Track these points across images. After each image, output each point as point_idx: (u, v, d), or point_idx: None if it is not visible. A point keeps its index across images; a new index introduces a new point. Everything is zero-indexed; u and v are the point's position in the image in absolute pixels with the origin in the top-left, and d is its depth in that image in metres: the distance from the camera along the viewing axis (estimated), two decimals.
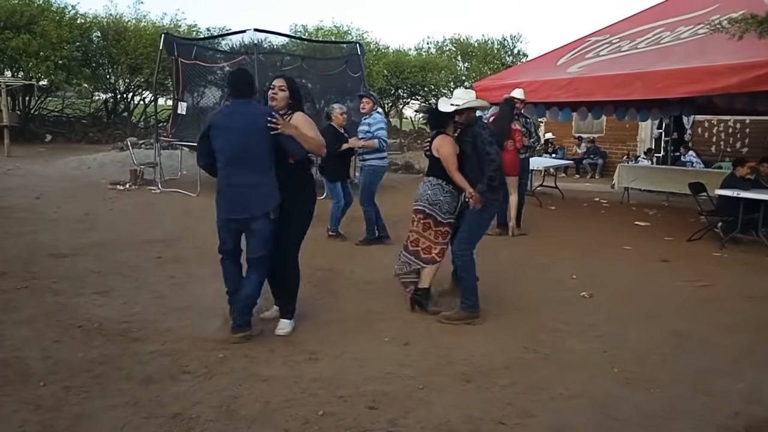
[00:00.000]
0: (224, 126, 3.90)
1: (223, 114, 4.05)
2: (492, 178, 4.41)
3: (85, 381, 3.31)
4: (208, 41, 14.34)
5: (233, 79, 4.10)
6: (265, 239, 3.94)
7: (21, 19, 18.80)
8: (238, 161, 3.86)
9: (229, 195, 3.92)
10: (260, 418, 2.99)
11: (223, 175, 3.93)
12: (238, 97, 4.01)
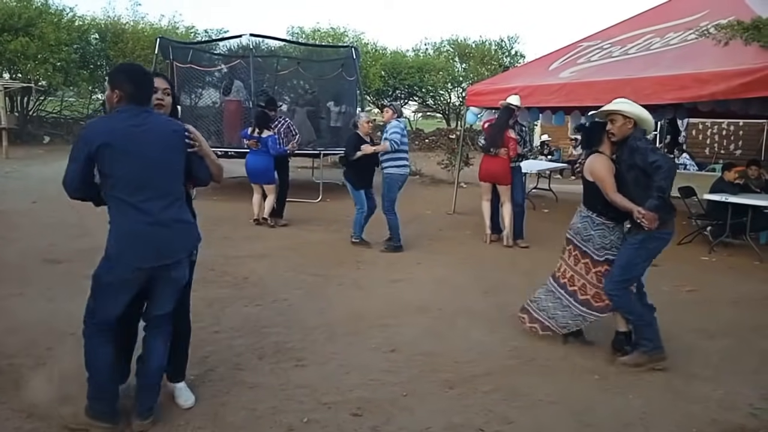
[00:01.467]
0: (126, 144, 2.82)
1: (119, 128, 2.83)
2: (662, 189, 3.73)
3: (76, 388, 3.38)
4: (203, 45, 14.39)
5: (130, 78, 2.92)
6: (181, 288, 3.12)
7: (19, 22, 18.88)
8: (153, 190, 2.90)
9: (147, 235, 2.88)
10: (246, 425, 3.07)
11: (134, 210, 2.86)
12: (137, 104, 2.90)
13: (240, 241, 7.47)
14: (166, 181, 2.94)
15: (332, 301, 5.22)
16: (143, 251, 2.87)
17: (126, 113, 2.86)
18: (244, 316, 4.74)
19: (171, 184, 2.97)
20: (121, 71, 3.00)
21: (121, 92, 2.87)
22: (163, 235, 2.91)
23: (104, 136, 2.80)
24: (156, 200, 2.89)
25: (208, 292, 5.30)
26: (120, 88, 2.88)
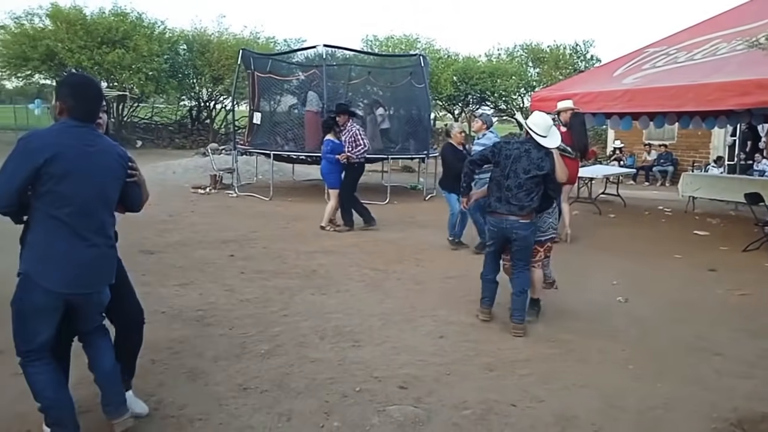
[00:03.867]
0: (75, 162, 2.68)
1: (67, 144, 2.67)
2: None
3: (167, 356, 3.99)
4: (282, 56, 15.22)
5: (78, 93, 2.78)
6: (104, 305, 2.94)
7: (117, 35, 20.53)
8: (91, 213, 2.75)
9: (79, 259, 2.71)
10: (306, 391, 3.55)
11: (68, 230, 2.69)
12: (82, 120, 2.75)
13: (311, 237, 8.04)
14: (104, 206, 2.81)
15: (390, 293, 5.66)
16: (60, 275, 2.67)
17: (75, 129, 2.72)
18: (310, 302, 5.25)
19: (107, 210, 2.85)
20: (67, 84, 2.94)
21: (65, 105, 2.74)
22: (89, 260, 2.74)
23: (51, 149, 2.62)
24: (89, 221, 2.74)
25: (279, 281, 5.88)
26: (64, 101, 2.75)
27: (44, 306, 2.69)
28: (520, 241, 4.66)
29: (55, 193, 2.64)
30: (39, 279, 2.66)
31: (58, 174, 2.63)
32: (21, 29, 20.90)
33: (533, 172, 4.59)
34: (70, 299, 2.74)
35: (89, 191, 2.73)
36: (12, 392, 3.29)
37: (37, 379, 2.75)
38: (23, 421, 3.06)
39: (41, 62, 20.30)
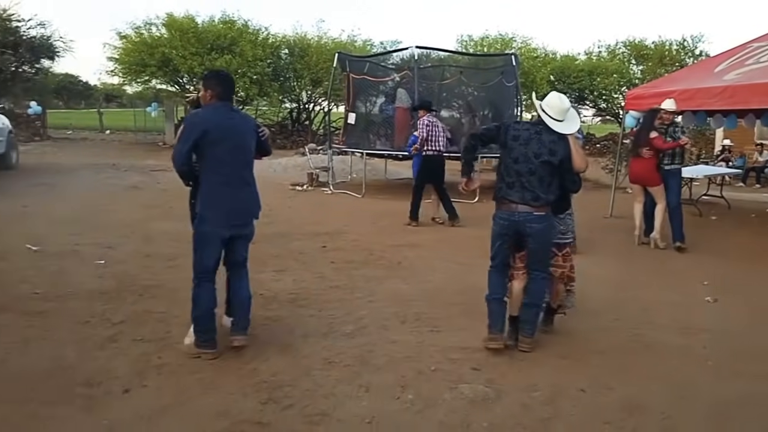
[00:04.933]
0: (224, 131, 3.77)
1: (218, 119, 3.79)
2: None
3: (262, 331, 4.41)
4: (375, 58, 15.68)
5: (222, 81, 3.93)
6: (251, 237, 4.05)
7: (224, 42, 21.84)
8: (238, 166, 3.85)
9: (232, 201, 3.83)
10: (385, 366, 3.84)
11: (223, 181, 3.79)
12: (225, 100, 3.91)
13: (399, 232, 8.36)
14: (246, 158, 3.93)
15: (473, 284, 5.80)
16: (224, 214, 3.81)
17: (221, 108, 3.86)
18: (394, 291, 5.54)
19: (248, 160, 3.96)
20: (213, 76, 4.05)
21: (213, 91, 3.87)
22: (241, 200, 3.91)
23: (206, 124, 3.75)
24: (239, 173, 3.88)
25: (366, 271, 6.22)
26: (212, 88, 3.88)
27: (212, 236, 3.82)
28: (536, 237, 4.01)
29: (215, 156, 3.77)
30: (213, 218, 3.80)
31: (216, 141, 3.74)
32: (140, 38, 22.72)
33: (545, 156, 3.97)
34: (231, 231, 3.85)
35: (237, 151, 3.84)
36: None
37: (200, 294, 3.89)
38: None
39: (158, 68, 21.96)
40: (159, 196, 11.02)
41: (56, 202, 9.90)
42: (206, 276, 3.90)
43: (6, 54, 22.41)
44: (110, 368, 3.71)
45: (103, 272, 5.84)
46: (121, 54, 22.90)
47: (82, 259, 6.28)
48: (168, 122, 25.02)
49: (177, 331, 4.30)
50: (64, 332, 4.27)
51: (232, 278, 4.13)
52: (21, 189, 11.17)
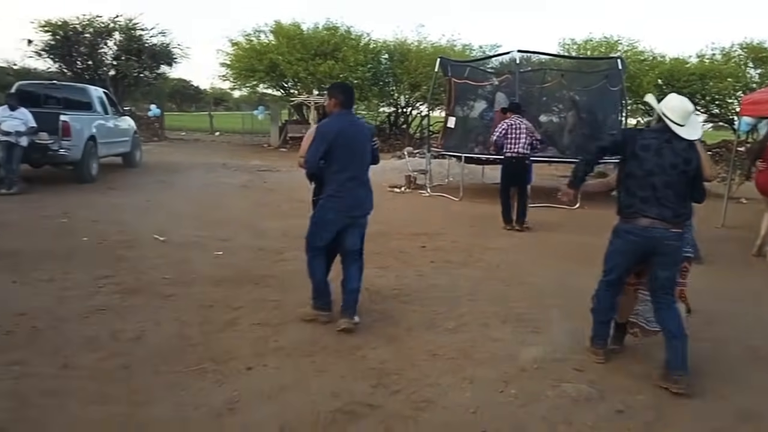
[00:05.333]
0: (347, 137, 4.35)
1: (343, 126, 4.36)
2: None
3: (369, 322, 4.65)
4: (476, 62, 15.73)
5: (345, 91, 4.52)
6: (365, 227, 4.65)
7: (328, 47, 22.61)
8: (357, 167, 4.43)
9: (352, 195, 4.42)
10: (488, 362, 3.97)
11: (346, 178, 4.37)
12: (348, 108, 4.51)
13: (496, 235, 8.41)
14: (363, 160, 4.48)
15: (573, 288, 5.80)
16: (342, 205, 4.41)
17: (345, 115, 4.47)
18: (493, 291, 5.64)
19: (365, 162, 4.51)
20: (337, 87, 4.64)
21: (337, 100, 4.45)
22: (357, 195, 4.47)
23: (334, 131, 4.34)
24: (357, 172, 4.44)
25: (466, 271, 6.36)
26: (337, 97, 4.46)
27: (330, 222, 4.46)
28: (670, 257, 3.71)
29: (340, 156, 4.34)
30: (331, 207, 4.43)
31: (341, 144, 4.33)
32: (250, 45, 23.95)
33: (681, 167, 3.66)
34: (347, 221, 4.45)
35: (357, 153, 4.43)
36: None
37: (314, 265, 4.56)
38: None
39: (265, 73, 23.05)
40: (267, 195, 11.64)
41: (175, 197, 10.71)
42: (317, 251, 4.56)
43: (131, 60, 24.35)
44: (233, 348, 4.06)
45: (221, 262, 6.32)
46: (233, 60, 24.24)
47: (202, 250, 6.81)
48: (273, 125, 26.16)
49: (291, 318, 4.63)
50: (190, 314, 4.70)
51: (346, 267, 4.61)
52: (144, 185, 12.17)
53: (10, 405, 3.17)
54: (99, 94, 13.57)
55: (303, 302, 4.79)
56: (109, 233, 7.40)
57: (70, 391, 3.36)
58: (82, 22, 24.26)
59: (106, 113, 13.33)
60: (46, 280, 5.37)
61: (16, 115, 10.26)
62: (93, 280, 5.43)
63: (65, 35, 23.94)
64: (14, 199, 9.61)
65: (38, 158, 11.03)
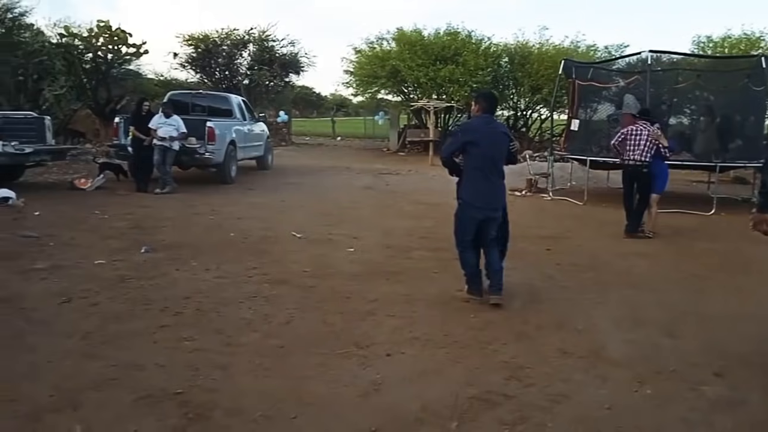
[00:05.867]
0: (485, 137, 4.95)
1: (482, 127, 5.03)
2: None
3: (500, 319, 4.81)
4: (602, 63, 15.29)
5: (488, 99, 5.19)
6: (499, 221, 5.18)
7: (449, 53, 22.85)
8: (493, 165, 5.00)
9: (488, 191, 5.03)
10: (621, 362, 4.01)
11: (482, 176, 4.98)
12: (489, 113, 5.18)
13: (624, 241, 8.22)
14: (498, 160, 5.06)
15: (710, 295, 5.66)
16: (480, 200, 5.02)
17: (485, 118, 5.13)
18: (624, 296, 5.59)
19: (500, 162, 5.07)
20: (481, 94, 5.44)
21: (480, 106, 5.14)
22: (493, 191, 5.06)
23: (473, 132, 5.06)
24: (492, 170, 5.01)
25: (594, 275, 6.36)
26: (480, 103, 5.16)
27: (472, 217, 5.06)
28: None
29: (476, 155, 4.97)
30: (471, 203, 5.05)
31: (478, 144, 4.94)
32: (373, 52, 24.72)
33: None
34: (485, 214, 5.02)
35: (492, 152, 5.02)
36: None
37: (466, 257, 5.18)
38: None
39: (387, 79, 23.70)
40: (390, 197, 12.07)
41: (307, 197, 11.40)
42: (466, 245, 5.18)
43: (263, 70, 25.97)
44: (372, 336, 4.38)
45: (354, 258, 6.72)
46: (356, 67, 25.14)
47: (335, 247, 7.27)
48: (392, 130, 26.80)
49: (422, 312, 4.91)
50: (331, 304, 5.09)
51: (488, 253, 5.23)
52: (278, 186, 13.04)
53: (188, 374, 3.66)
54: (238, 101, 14.70)
55: (432, 298, 5.12)
56: (252, 229, 8.08)
57: (236, 365, 3.81)
58: (221, 36, 26.25)
59: (244, 119, 14.41)
60: (204, 270, 6.01)
61: (170, 121, 11.38)
62: (243, 271, 6.01)
63: (206, 48, 25.99)
64: (168, 198, 10.69)
65: (187, 161, 12.16)
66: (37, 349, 3.93)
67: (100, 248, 6.73)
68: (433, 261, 6.66)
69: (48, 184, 12.29)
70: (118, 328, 4.36)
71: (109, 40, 20.97)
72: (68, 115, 20.87)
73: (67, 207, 9.34)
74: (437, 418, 3.20)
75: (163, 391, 3.40)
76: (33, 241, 6.91)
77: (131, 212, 9.10)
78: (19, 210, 8.91)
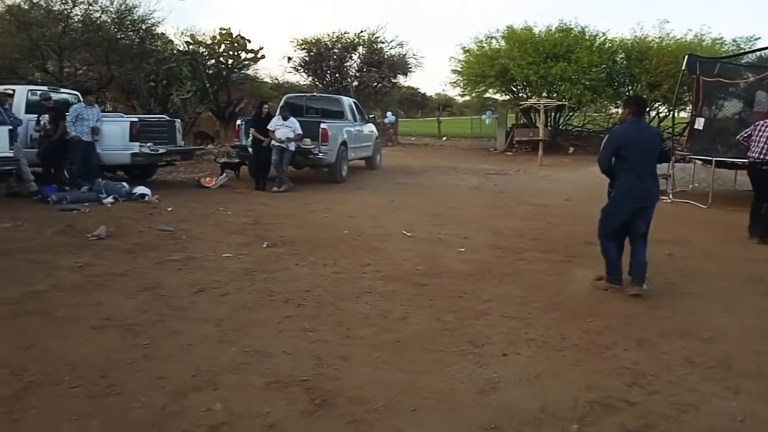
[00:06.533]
0: (636, 140, 5.25)
1: (633, 131, 5.32)
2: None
3: (616, 325, 4.67)
4: (730, 58, 14.29)
5: (637, 103, 5.52)
6: (650, 218, 5.43)
7: (560, 50, 22.23)
8: (646, 166, 5.27)
9: (641, 190, 5.28)
10: (754, 374, 3.78)
11: (636, 176, 5.24)
12: (639, 116, 5.44)
13: (754, 248, 7.68)
14: (651, 161, 5.32)
15: None
16: (632, 197, 5.31)
17: (636, 122, 5.39)
18: (756, 304, 5.26)
19: (652, 162, 5.34)
20: (630, 99, 5.93)
21: (630, 110, 5.45)
22: (646, 190, 5.30)
23: (626, 136, 5.33)
24: (645, 170, 5.26)
25: (720, 282, 6.03)
26: (630, 108, 5.47)
27: (620, 213, 5.39)
28: None
29: (629, 157, 5.25)
30: (623, 200, 5.37)
31: (630, 146, 5.25)
32: (482, 51, 24.54)
33: None
34: (635, 210, 5.32)
35: (645, 154, 5.29)
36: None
37: (607, 247, 5.48)
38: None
39: (495, 78, 23.45)
40: (498, 198, 11.97)
41: (414, 197, 11.55)
42: (609, 235, 5.49)
43: (371, 71, 26.51)
44: (487, 335, 4.41)
45: (465, 258, 6.76)
46: (464, 67, 25.06)
47: (445, 246, 7.34)
48: (500, 129, 26.47)
49: (537, 314, 4.87)
50: (444, 302, 5.17)
51: (634, 246, 5.45)
52: (386, 186, 13.30)
53: (312, 363, 3.87)
54: (350, 103, 15.13)
55: (547, 301, 5.08)
56: (363, 227, 8.32)
57: (356, 356, 3.98)
58: (332, 39, 27.08)
59: (354, 121, 14.81)
60: (321, 265, 6.28)
61: (287, 123, 11.93)
62: (358, 267, 6.22)
63: (318, 51, 26.92)
64: (284, 196, 11.22)
65: (301, 161, 12.69)
66: (178, 332, 4.30)
67: (226, 242, 7.21)
68: (546, 263, 6.57)
69: (177, 182, 13.28)
70: (247, 317, 4.67)
71: (230, 46, 22.24)
72: (193, 117, 22.39)
73: (195, 203, 10.06)
74: (557, 420, 3.19)
75: (291, 377, 3.62)
76: (168, 235, 7.52)
77: (251, 209, 9.64)
78: (154, 205, 9.71)
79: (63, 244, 6.87)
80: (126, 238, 7.28)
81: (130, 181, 10.99)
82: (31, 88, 12.31)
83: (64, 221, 8.06)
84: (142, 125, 11.39)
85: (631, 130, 5.35)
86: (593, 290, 5.55)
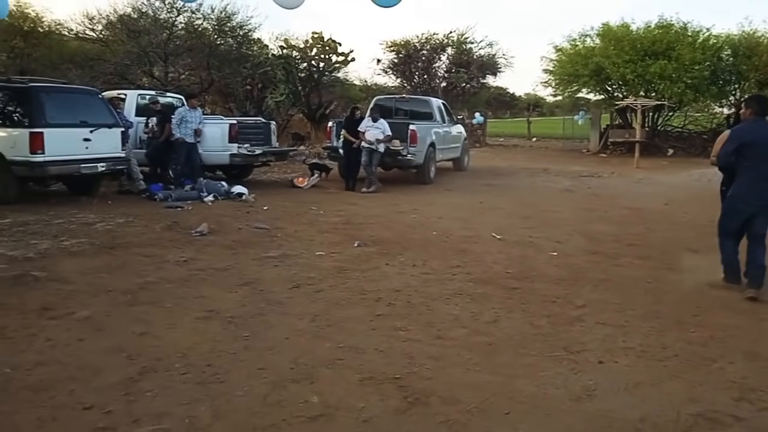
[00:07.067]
0: (758, 139, 5.26)
1: (754, 130, 5.35)
2: None
3: (721, 337, 4.44)
4: None
5: (759, 103, 5.47)
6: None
7: (660, 47, 21.25)
8: (765, 164, 5.24)
9: (758, 188, 5.27)
10: None
11: (756, 174, 5.25)
12: (761, 116, 5.39)
13: None
14: None
15: None
16: (752, 196, 5.30)
17: (757, 121, 5.38)
18: None
19: None
20: (752, 98, 5.83)
21: (752, 109, 5.43)
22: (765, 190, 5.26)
23: (748, 135, 5.34)
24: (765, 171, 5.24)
25: None
26: (752, 107, 5.45)
27: (738, 211, 5.43)
28: None
29: (750, 156, 5.27)
30: (742, 198, 5.37)
31: (752, 145, 5.27)
32: (575, 50, 23.85)
33: None
34: (753, 209, 5.32)
35: (764, 153, 5.26)
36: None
37: (725, 245, 5.57)
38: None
39: (589, 78, 22.72)
40: (592, 201, 11.61)
41: (505, 199, 11.41)
42: (727, 235, 5.56)
43: (460, 72, 26.41)
44: (582, 342, 4.31)
45: (557, 262, 6.62)
46: (556, 66, 24.45)
47: (537, 250, 7.21)
48: (593, 130, 25.62)
49: (635, 322, 4.70)
50: (536, 307, 5.09)
51: (751, 246, 5.43)
52: (475, 187, 13.21)
53: (404, 361, 3.92)
54: (438, 104, 15.15)
55: (646, 309, 4.90)
56: (452, 229, 8.32)
57: (447, 357, 4.00)
58: (421, 41, 27.18)
59: (443, 122, 14.81)
60: (410, 265, 6.34)
61: (377, 125, 12.11)
62: (447, 268, 6.23)
63: (407, 53, 27.10)
64: (373, 197, 11.40)
65: (390, 162, 12.84)
66: (276, 326, 4.49)
67: (319, 241, 7.42)
68: (645, 270, 6.32)
69: (271, 182, 13.78)
70: (340, 314, 4.80)
71: (322, 50, 22.82)
72: (286, 119, 23.14)
73: (289, 203, 10.41)
74: (657, 431, 3.08)
75: (384, 374, 3.69)
76: (264, 232, 7.83)
77: (342, 209, 9.86)
78: (251, 204, 10.14)
79: (169, 239, 7.31)
80: (226, 234, 7.65)
81: (228, 181, 11.51)
82: (140, 92, 13.19)
83: (170, 218, 8.59)
84: (240, 127, 11.91)
85: (753, 129, 5.38)
86: (697, 300, 5.29)
